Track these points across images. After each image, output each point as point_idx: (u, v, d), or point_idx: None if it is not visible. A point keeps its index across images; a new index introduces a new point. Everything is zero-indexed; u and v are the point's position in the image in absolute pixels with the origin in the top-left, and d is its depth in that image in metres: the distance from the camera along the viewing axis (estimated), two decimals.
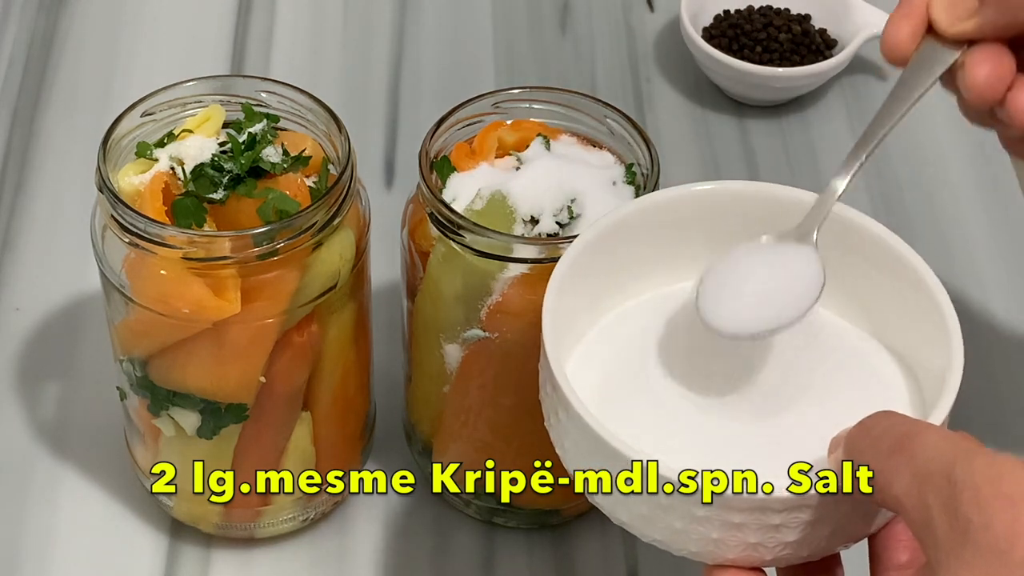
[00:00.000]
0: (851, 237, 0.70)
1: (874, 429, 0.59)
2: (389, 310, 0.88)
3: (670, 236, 0.72)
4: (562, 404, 0.64)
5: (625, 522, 0.64)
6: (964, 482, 0.54)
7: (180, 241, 0.71)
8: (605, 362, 0.70)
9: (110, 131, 0.75)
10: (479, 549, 0.83)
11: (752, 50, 1.06)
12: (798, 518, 0.61)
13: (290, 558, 0.83)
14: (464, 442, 0.81)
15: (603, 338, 0.71)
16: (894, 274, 0.69)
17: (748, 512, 0.61)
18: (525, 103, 0.79)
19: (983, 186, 1.02)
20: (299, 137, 0.77)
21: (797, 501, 0.61)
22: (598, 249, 0.70)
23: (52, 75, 1.07)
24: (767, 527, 0.61)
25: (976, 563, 0.52)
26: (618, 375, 0.69)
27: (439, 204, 0.74)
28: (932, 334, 0.67)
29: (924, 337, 0.68)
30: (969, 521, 0.53)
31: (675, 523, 0.62)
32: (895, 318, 0.70)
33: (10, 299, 0.94)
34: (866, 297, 0.71)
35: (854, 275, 0.71)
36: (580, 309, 0.70)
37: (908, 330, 0.69)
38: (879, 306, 0.71)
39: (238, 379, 0.75)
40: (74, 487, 0.85)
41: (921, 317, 0.68)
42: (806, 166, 1.03)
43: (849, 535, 0.63)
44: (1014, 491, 0.53)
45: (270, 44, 1.09)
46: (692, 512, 0.61)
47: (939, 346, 0.66)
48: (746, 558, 0.62)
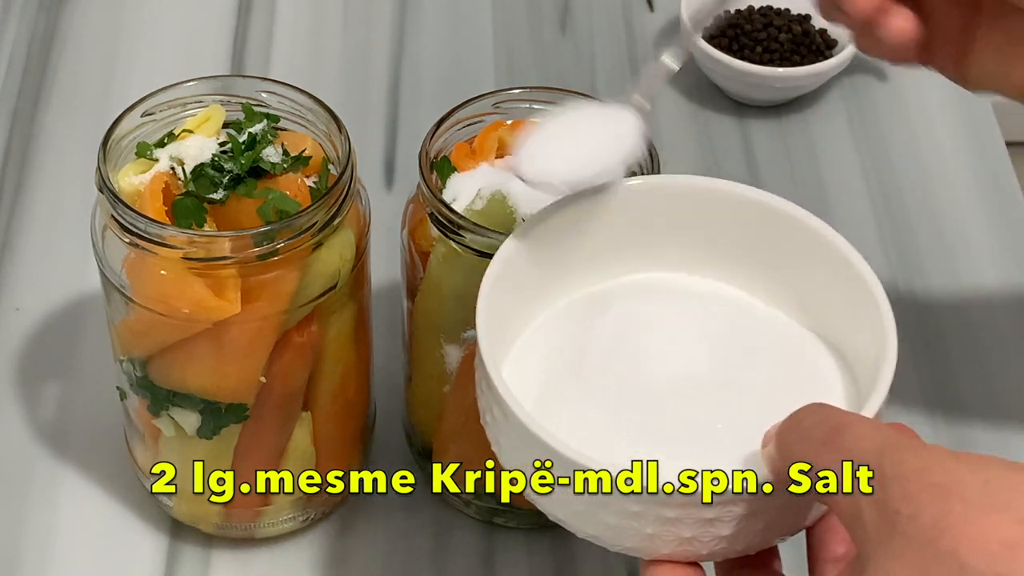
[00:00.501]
0: (784, 228, 0.71)
1: (805, 421, 0.59)
2: (389, 310, 0.88)
3: (602, 232, 0.72)
4: (497, 402, 0.64)
5: (561, 519, 0.64)
6: (892, 474, 0.54)
7: (180, 241, 0.71)
8: (541, 360, 0.70)
9: (110, 131, 0.75)
10: (479, 549, 0.83)
11: (752, 50, 1.06)
12: (732, 512, 0.61)
13: (290, 558, 0.83)
14: (464, 442, 0.81)
15: (539, 336, 0.71)
16: (828, 265, 0.70)
17: (681, 507, 0.61)
18: (525, 103, 0.79)
19: (984, 188, 1.02)
20: (299, 137, 0.77)
21: (729, 495, 0.61)
22: (531, 247, 0.70)
23: (52, 75, 1.07)
24: (701, 521, 0.61)
25: (904, 554, 0.52)
26: (554, 373, 0.69)
27: (439, 204, 0.74)
28: (867, 325, 0.67)
29: (859, 328, 0.68)
30: (897, 512, 0.53)
31: (610, 519, 0.62)
32: (830, 309, 0.70)
33: (10, 299, 0.94)
34: (801, 289, 0.71)
35: (789, 266, 0.71)
36: (515, 308, 0.70)
37: (843, 321, 0.69)
38: (814, 298, 0.71)
39: (238, 379, 0.75)
40: (74, 487, 0.85)
41: (856, 308, 0.68)
42: (806, 166, 1.03)
43: (784, 528, 0.63)
44: (942, 481, 0.53)
45: (270, 44, 1.09)
46: (626, 508, 0.61)
47: (874, 337, 0.66)
48: (682, 553, 0.62)
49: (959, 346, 0.93)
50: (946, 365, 0.92)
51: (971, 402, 0.90)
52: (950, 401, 0.90)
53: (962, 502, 0.52)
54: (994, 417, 0.89)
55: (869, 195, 1.01)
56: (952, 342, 0.93)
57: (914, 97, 1.08)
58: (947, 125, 1.06)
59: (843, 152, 1.04)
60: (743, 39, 1.06)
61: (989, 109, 1.07)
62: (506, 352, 0.70)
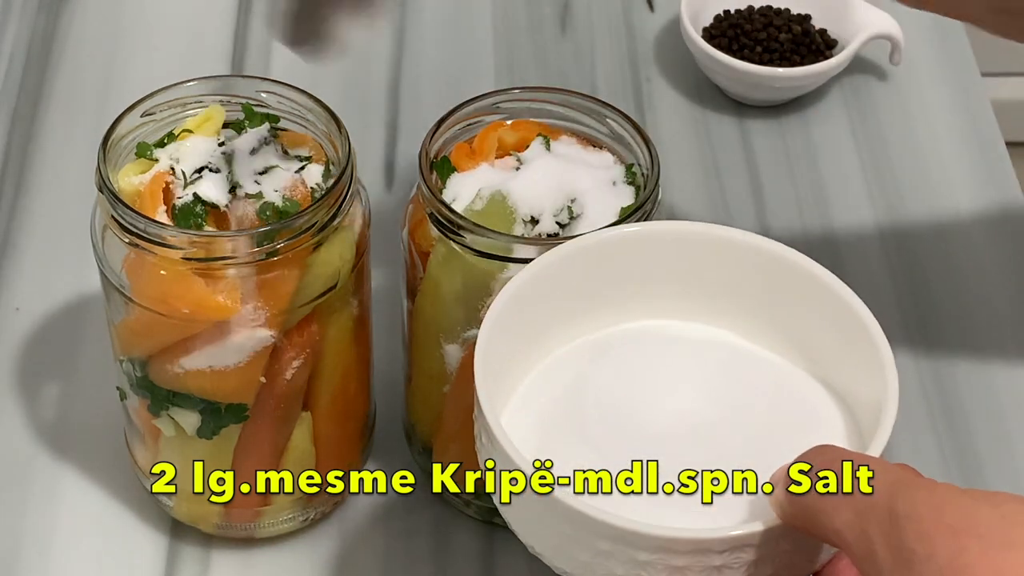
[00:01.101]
0: (782, 272, 0.70)
1: (812, 462, 0.59)
2: (389, 310, 0.88)
3: (601, 278, 0.71)
4: (497, 453, 0.64)
5: (567, 570, 0.64)
6: (905, 513, 0.54)
7: (180, 241, 0.71)
8: (541, 409, 0.69)
9: (110, 131, 0.75)
10: (479, 549, 0.83)
11: (752, 50, 1.06)
12: (740, 558, 0.61)
13: (290, 558, 0.83)
14: (464, 442, 0.81)
15: (538, 385, 0.71)
16: (824, 307, 0.69)
17: (690, 555, 0.60)
18: (525, 103, 0.79)
19: (984, 188, 1.02)
20: (299, 137, 0.77)
21: (738, 541, 0.60)
22: (529, 294, 0.69)
23: (52, 75, 1.07)
24: (709, 568, 0.61)
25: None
26: (554, 422, 0.69)
27: (439, 204, 0.74)
28: (866, 367, 0.67)
29: (859, 370, 0.67)
30: (912, 552, 0.53)
31: (617, 569, 0.61)
32: (829, 353, 0.70)
33: (10, 299, 0.94)
34: (799, 332, 0.71)
35: (787, 311, 0.71)
36: (514, 357, 0.70)
37: (842, 364, 0.69)
38: (812, 341, 0.70)
39: (238, 379, 0.75)
40: (74, 487, 0.85)
41: (854, 350, 0.68)
42: (806, 166, 1.03)
43: (793, 573, 0.63)
44: (956, 521, 0.52)
45: (270, 44, 1.09)
46: (635, 557, 0.61)
47: (874, 378, 0.66)
48: None
49: (958, 345, 0.93)
50: (946, 364, 0.92)
51: (971, 402, 0.90)
52: (950, 401, 0.90)
53: (978, 540, 0.52)
54: (995, 419, 0.89)
55: (869, 195, 1.01)
56: (952, 342, 0.93)
57: (914, 97, 1.08)
58: (947, 125, 1.06)
59: (843, 152, 1.04)
60: (743, 39, 1.06)
61: (989, 109, 1.07)
62: (505, 401, 0.70)
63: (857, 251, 0.98)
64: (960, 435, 0.88)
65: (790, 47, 1.06)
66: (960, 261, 0.97)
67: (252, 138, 0.76)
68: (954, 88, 1.09)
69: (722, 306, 0.72)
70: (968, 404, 0.90)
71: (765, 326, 0.71)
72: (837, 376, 0.70)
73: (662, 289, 0.72)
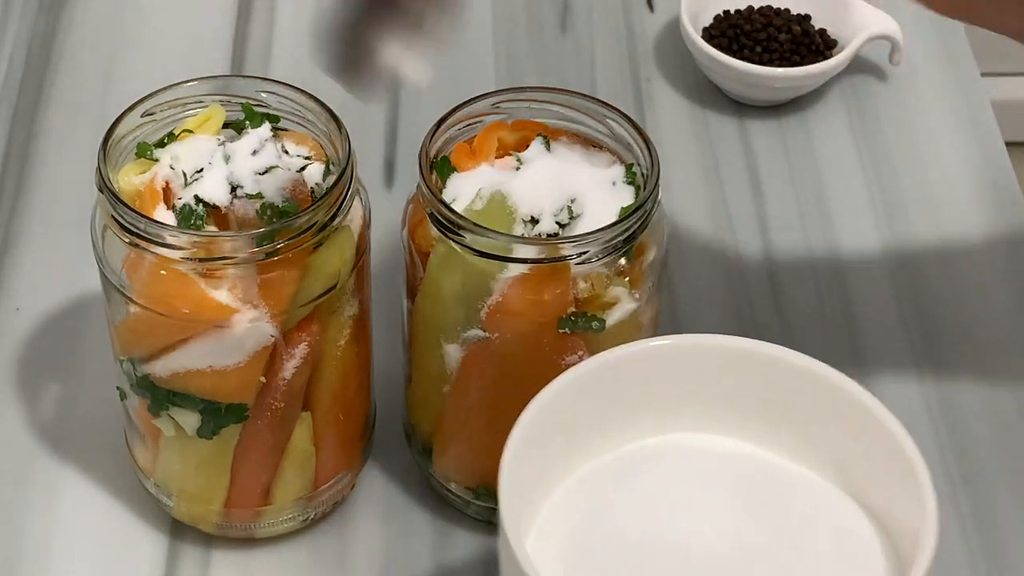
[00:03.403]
0: (823, 394, 0.69)
1: None
2: (389, 310, 0.88)
3: (625, 394, 0.70)
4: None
5: None
6: None
7: (180, 241, 0.71)
8: (566, 531, 0.68)
9: (110, 131, 0.75)
10: (479, 549, 0.83)
11: (752, 50, 1.06)
12: None
13: (290, 558, 0.83)
14: (464, 442, 0.81)
15: (563, 506, 0.69)
16: (861, 426, 0.68)
17: None
18: (525, 103, 0.79)
19: (984, 188, 1.02)
20: (299, 137, 0.77)
21: None
22: (551, 413, 0.68)
23: (52, 75, 1.07)
24: None
25: None
26: (580, 545, 0.67)
27: (439, 204, 0.74)
28: (905, 492, 0.65)
29: (897, 495, 0.66)
30: None
31: None
32: (865, 472, 0.68)
33: (10, 299, 0.94)
34: (833, 450, 0.69)
35: (827, 432, 0.69)
36: (538, 476, 0.68)
37: (881, 488, 0.68)
38: (847, 459, 0.69)
39: (238, 379, 0.75)
40: (74, 487, 0.85)
41: (894, 475, 0.66)
42: (806, 166, 1.03)
43: None
44: None
45: (270, 44, 1.09)
46: None
47: (913, 505, 0.65)
48: None
49: (958, 344, 0.93)
50: (945, 364, 0.92)
51: (971, 403, 0.90)
52: (950, 400, 0.90)
53: None
54: (998, 430, 0.89)
55: (869, 195, 1.01)
56: (952, 341, 0.93)
57: (914, 97, 1.08)
58: (947, 125, 1.06)
59: (843, 152, 1.04)
60: (743, 39, 1.06)
61: (989, 109, 1.07)
62: (530, 524, 0.68)
63: (857, 251, 0.98)
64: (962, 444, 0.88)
65: (790, 47, 1.06)
66: (959, 260, 0.97)
67: (252, 138, 0.76)
68: (954, 88, 1.09)
69: (748, 420, 0.71)
70: (969, 404, 0.90)
71: (797, 441, 0.69)
72: (866, 490, 0.68)
73: (689, 402, 0.71)
